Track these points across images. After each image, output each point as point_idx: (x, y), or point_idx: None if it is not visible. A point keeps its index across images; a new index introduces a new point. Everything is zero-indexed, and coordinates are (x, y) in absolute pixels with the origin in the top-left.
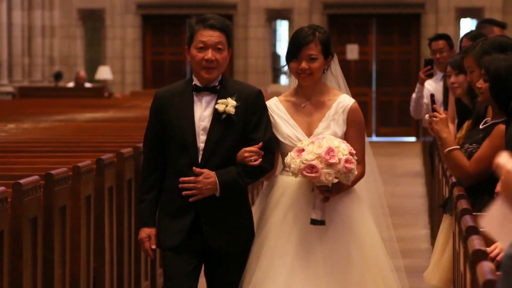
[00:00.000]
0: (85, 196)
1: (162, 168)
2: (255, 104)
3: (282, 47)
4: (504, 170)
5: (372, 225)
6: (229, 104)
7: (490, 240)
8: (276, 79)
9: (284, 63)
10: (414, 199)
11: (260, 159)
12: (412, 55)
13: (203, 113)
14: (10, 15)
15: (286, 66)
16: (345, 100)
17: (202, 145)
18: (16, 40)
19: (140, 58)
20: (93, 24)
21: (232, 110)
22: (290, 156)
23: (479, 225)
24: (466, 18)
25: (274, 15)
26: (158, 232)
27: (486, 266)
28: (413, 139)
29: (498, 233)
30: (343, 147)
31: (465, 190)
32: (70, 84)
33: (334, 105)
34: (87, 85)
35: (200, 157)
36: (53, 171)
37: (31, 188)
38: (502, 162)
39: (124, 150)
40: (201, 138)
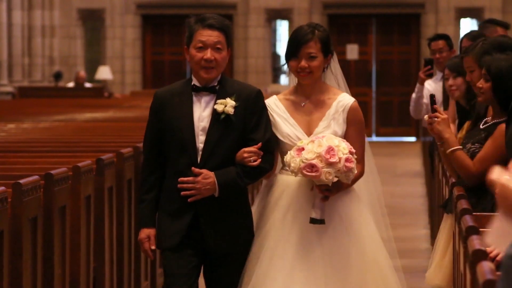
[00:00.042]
0: (85, 196)
1: (162, 168)
2: (255, 104)
3: (282, 47)
4: (497, 184)
5: (371, 224)
6: (228, 104)
7: None
8: (276, 79)
9: (284, 63)
10: (414, 199)
11: (259, 160)
12: (412, 55)
13: (202, 113)
14: (10, 15)
15: (285, 64)
16: (345, 99)
17: (201, 145)
18: (16, 40)
19: (140, 58)
20: (93, 24)
21: (231, 111)
22: (289, 155)
23: (484, 242)
24: (466, 18)
25: (274, 15)
26: (157, 232)
27: (486, 266)
28: (413, 139)
29: (501, 246)
30: (343, 146)
31: (468, 190)
32: (70, 84)
33: (334, 104)
34: (87, 85)
35: (199, 157)
36: (53, 171)
37: (31, 188)
38: (495, 177)
39: (124, 150)
40: (200, 139)
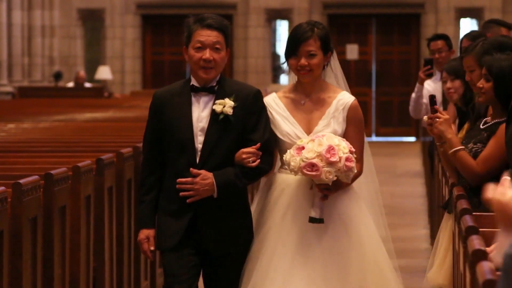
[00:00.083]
0: (85, 196)
1: (161, 168)
2: (254, 104)
3: (282, 47)
4: (494, 201)
5: (371, 223)
6: (226, 104)
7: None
8: (276, 79)
9: (283, 61)
10: (414, 199)
11: (258, 160)
12: (411, 55)
13: (201, 113)
14: (10, 15)
15: (285, 63)
16: (345, 97)
17: (200, 146)
18: (16, 40)
19: (140, 58)
20: (93, 24)
21: (229, 111)
22: (289, 153)
23: (491, 261)
24: (466, 18)
25: (274, 15)
26: (157, 232)
27: (486, 266)
28: (413, 139)
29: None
30: (343, 145)
31: (470, 189)
32: (70, 84)
33: (334, 102)
34: (87, 85)
35: (198, 158)
36: (53, 171)
37: (31, 188)
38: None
39: (124, 150)
40: (199, 139)
